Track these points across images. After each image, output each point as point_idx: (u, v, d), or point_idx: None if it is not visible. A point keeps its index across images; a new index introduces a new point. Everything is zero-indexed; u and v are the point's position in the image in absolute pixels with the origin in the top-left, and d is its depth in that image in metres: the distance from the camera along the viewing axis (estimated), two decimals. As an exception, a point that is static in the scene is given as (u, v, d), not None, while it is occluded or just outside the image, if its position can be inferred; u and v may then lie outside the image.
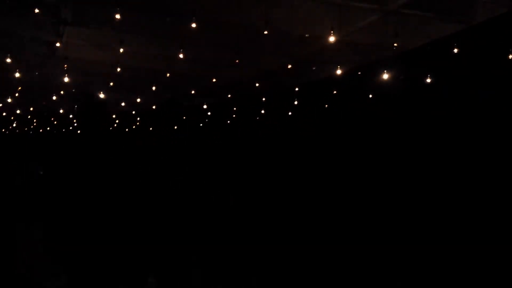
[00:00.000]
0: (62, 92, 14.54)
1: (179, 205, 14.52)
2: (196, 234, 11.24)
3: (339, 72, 10.28)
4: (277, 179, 16.50)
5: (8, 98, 16.95)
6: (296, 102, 15.18)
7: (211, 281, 8.16)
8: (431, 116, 11.50)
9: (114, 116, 22.56)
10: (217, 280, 8.21)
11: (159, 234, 11.00)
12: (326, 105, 15.42)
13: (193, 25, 7.48)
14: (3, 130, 28.41)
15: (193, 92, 15.54)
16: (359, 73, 11.55)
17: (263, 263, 9.12)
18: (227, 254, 9.70)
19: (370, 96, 12.28)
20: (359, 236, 10.79)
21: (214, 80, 13.78)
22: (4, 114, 22.50)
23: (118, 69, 10.57)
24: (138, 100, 16.85)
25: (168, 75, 12.19)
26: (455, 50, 8.45)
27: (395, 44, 7.74)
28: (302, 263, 9.11)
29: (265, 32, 7.99)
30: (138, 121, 23.67)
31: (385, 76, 8.91)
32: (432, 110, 11.38)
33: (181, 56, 9.56)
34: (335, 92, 12.69)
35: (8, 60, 10.96)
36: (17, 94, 15.66)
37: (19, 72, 11.89)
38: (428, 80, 9.76)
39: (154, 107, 19.73)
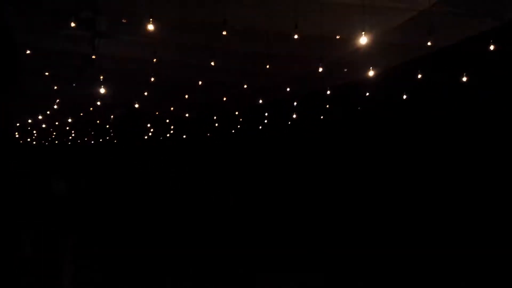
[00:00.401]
0: (98, 103, 14.90)
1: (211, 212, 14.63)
2: (205, 236, 11.37)
3: (371, 73, 10.17)
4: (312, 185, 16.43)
5: (46, 111, 17.50)
6: (328, 106, 15.11)
7: (211, 282, 8.21)
8: (469, 117, 11.27)
9: (148, 125, 22.95)
10: (218, 281, 8.26)
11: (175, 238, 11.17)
12: (359, 108, 15.28)
13: (224, 33, 7.57)
14: (43, 141, 29.25)
15: (225, 99, 15.66)
16: (393, 74, 11.41)
17: (263, 265, 9.14)
18: (230, 256, 9.78)
19: (404, 97, 12.09)
20: (361, 238, 10.70)
21: (245, 86, 13.85)
22: (43, 126, 23.21)
23: (152, 79, 10.77)
24: (172, 108, 17.11)
25: (200, 83, 12.34)
26: (491, 47, 8.25)
27: (429, 43, 7.61)
28: (302, 265, 9.09)
29: (295, 37, 7.99)
30: (172, 129, 24.01)
31: (419, 76, 8.77)
32: (471, 110, 11.15)
33: (212, 64, 9.67)
34: (367, 94, 12.56)
35: (46, 73, 11.35)
36: (55, 106, 16.14)
37: (56, 85, 12.29)
38: (464, 79, 9.55)
39: (187, 115, 19.97)
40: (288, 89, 13.41)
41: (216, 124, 21.67)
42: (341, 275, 8.53)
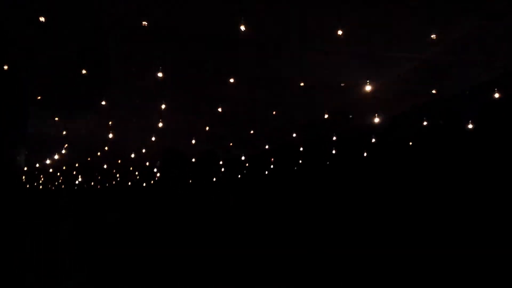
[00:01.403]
0: (106, 148, 15.00)
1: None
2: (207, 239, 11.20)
3: (377, 120, 10.26)
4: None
5: (54, 155, 17.65)
6: (334, 152, 15.15)
7: (211, 282, 8.09)
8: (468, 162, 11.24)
9: (155, 170, 22.98)
10: (218, 281, 8.14)
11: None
12: (365, 154, 15.29)
13: (231, 80, 7.74)
14: (50, 186, 29.27)
15: (231, 144, 15.78)
16: (397, 121, 11.50)
17: (263, 265, 9.00)
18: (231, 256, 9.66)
19: (410, 143, 12.15)
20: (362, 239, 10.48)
21: (251, 132, 13.98)
22: (51, 170, 23.31)
23: (160, 124, 10.92)
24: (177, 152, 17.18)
25: (207, 128, 12.47)
26: (495, 95, 8.35)
27: (433, 91, 7.73)
28: (302, 265, 8.94)
29: (301, 84, 8.17)
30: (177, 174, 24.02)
31: (424, 123, 8.84)
32: (471, 157, 11.14)
33: (219, 110, 9.84)
34: (373, 140, 12.61)
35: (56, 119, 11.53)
36: (63, 151, 16.30)
37: (64, 129, 12.47)
38: (469, 127, 9.61)
39: (193, 160, 20.04)
40: (294, 135, 13.52)
41: (222, 169, 21.70)
42: (341, 275, 8.40)
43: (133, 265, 9.18)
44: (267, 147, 16.64)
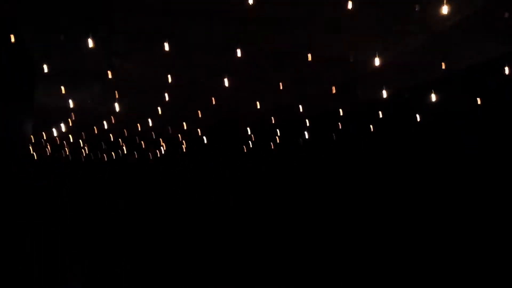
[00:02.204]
0: (112, 119, 15.00)
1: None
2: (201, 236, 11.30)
3: (385, 95, 10.16)
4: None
5: (61, 126, 17.69)
6: (340, 126, 15.06)
7: (211, 282, 8.20)
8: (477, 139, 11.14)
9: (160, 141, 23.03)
10: (218, 281, 8.24)
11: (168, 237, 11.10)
12: (372, 129, 15.20)
13: (238, 52, 7.65)
14: (57, 156, 29.44)
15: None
16: (406, 96, 11.39)
17: (263, 265, 9.10)
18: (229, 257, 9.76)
19: (418, 119, 12.04)
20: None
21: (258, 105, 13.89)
22: (57, 140, 23.43)
23: (166, 97, 10.89)
24: (184, 126, 17.18)
25: (214, 101, 12.41)
26: (506, 71, 8.23)
27: (443, 66, 7.61)
28: (302, 265, 9.03)
29: (309, 58, 8.06)
30: (185, 147, 24.06)
31: (433, 98, 8.75)
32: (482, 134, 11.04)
33: (226, 83, 9.75)
34: (381, 115, 12.51)
35: (62, 89, 11.51)
36: (69, 122, 16.32)
37: (71, 100, 12.45)
38: (478, 102, 9.50)
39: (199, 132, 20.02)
40: (301, 109, 13.44)
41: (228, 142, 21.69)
42: (341, 275, 8.50)
43: (133, 265, 9.25)
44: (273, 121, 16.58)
